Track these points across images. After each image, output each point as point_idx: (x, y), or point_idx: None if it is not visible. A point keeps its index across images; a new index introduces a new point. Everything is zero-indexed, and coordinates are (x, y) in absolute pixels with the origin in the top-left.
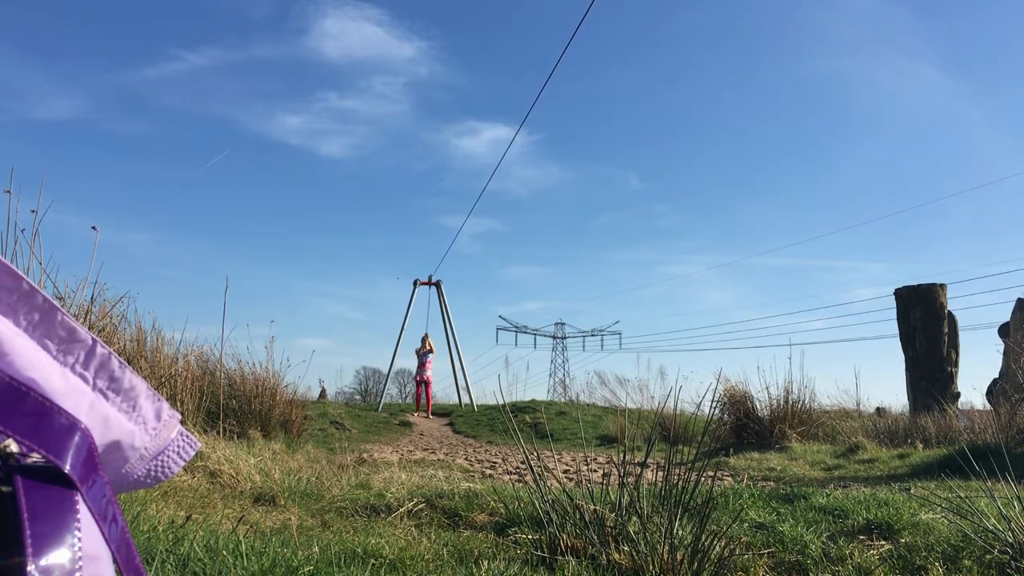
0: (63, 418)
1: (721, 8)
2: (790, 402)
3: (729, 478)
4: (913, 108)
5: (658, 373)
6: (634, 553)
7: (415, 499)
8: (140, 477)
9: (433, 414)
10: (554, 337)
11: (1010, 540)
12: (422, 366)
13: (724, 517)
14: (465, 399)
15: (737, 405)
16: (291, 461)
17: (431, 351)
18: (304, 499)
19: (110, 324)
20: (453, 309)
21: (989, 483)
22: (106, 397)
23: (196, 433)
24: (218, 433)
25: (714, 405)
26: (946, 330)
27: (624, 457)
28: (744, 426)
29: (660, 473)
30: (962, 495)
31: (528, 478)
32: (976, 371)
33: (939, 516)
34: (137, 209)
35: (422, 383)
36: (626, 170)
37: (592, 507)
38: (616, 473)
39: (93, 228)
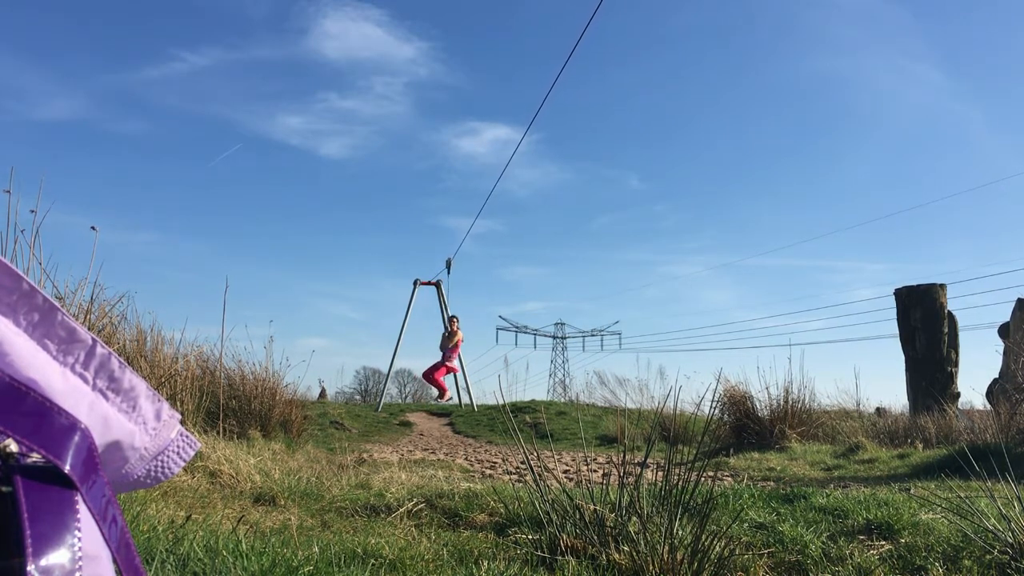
0: (63, 418)
1: (721, 8)
2: (790, 402)
3: (729, 478)
4: (913, 108)
5: (658, 373)
6: (634, 553)
7: (415, 499)
8: (140, 477)
9: (433, 414)
10: (554, 337)
11: (1010, 540)
12: (451, 357)
13: (724, 517)
14: (465, 399)
15: (737, 405)
16: (291, 461)
17: (458, 340)
18: (304, 499)
19: (110, 324)
20: (453, 309)
21: (989, 483)
22: (106, 397)
23: (196, 433)
24: (218, 433)
25: (714, 405)
26: (946, 330)
27: (624, 457)
28: (744, 426)
29: (660, 473)
30: (962, 495)
31: (528, 478)
32: (976, 371)
33: (939, 516)
34: (137, 209)
35: (449, 371)
36: (626, 170)
37: (592, 507)
38: (616, 473)
39: (93, 228)
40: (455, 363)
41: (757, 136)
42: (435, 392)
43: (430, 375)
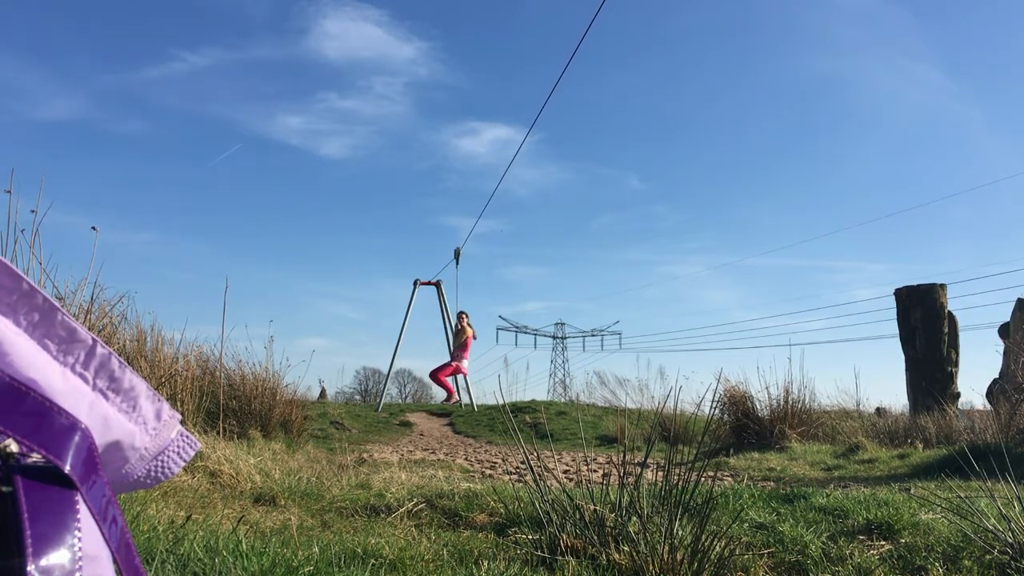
0: (63, 418)
1: (721, 8)
2: (790, 402)
3: (729, 478)
4: (913, 108)
5: (658, 373)
6: (634, 553)
7: (415, 499)
8: (140, 477)
9: (433, 414)
10: (554, 337)
11: (1010, 540)
12: (460, 356)
13: (724, 517)
14: (465, 399)
15: (737, 405)
16: (291, 461)
17: (467, 337)
18: (304, 499)
19: (110, 324)
20: (453, 310)
21: (989, 483)
22: (106, 397)
23: (196, 433)
24: (218, 433)
25: (714, 405)
26: (946, 330)
27: (624, 457)
28: (744, 426)
29: (660, 473)
30: (962, 495)
31: (528, 478)
32: (976, 371)
33: (939, 516)
34: (137, 209)
35: (455, 372)
36: (626, 170)
37: (592, 507)
38: (616, 473)
39: (93, 228)
40: (464, 364)
41: (757, 136)
42: (441, 394)
43: (435, 375)
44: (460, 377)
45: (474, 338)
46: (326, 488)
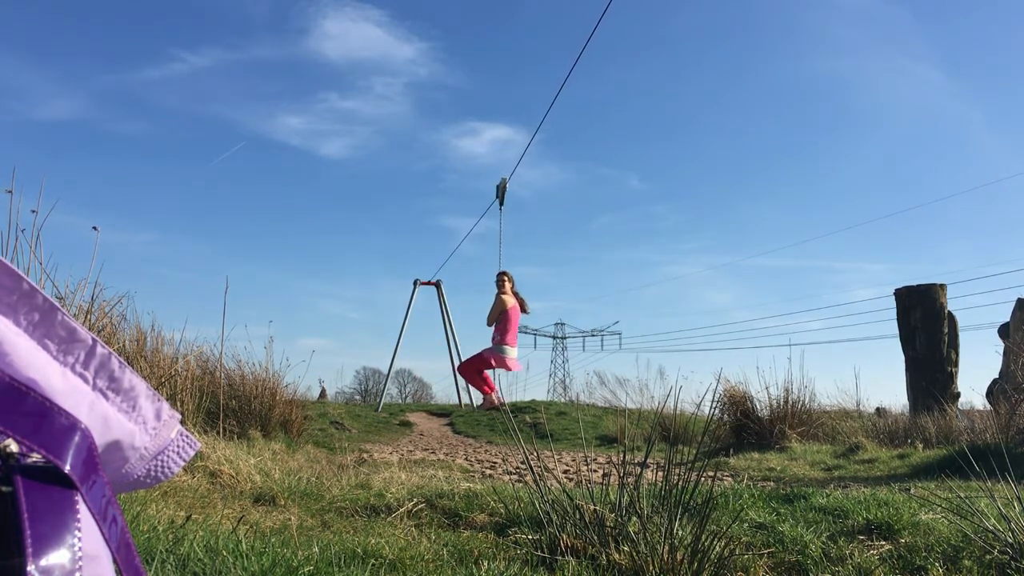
0: (63, 418)
1: (721, 8)
2: (790, 402)
3: (729, 478)
4: (913, 108)
5: (658, 373)
6: (634, 553)
7: (415, 499)
8: (140, 477)
9: (433, 414)
10: (554, 337)
11: (1010, 540)
12: (499, 340)
13: (724, 517)
14: (465, 399)
15: (737, 405)
16: (291, 461)
17: (507, 309)
18: (304, 499)
19: (110, 324)
20: (453, 310)
21: (989, 483)
22: (106, 397)
23: (196, 433)
24: (218, 433)
25: (714, 405)
26: (946, 330)
27: (624, 457)
28: (744, 426)
29: (660, 473)
30: (962, 495)
31: (528, 478)
32: (976, 371)
33: (939, 516)
34: (137, 209)
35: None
36: (626, 170)
37: (592, 507)
38: (616, 473)
39: (94, 228)
40: (508, 352)
41: (757, 136)
42: (478, 397)
43: (464, 371)
44: (461, 377)
45: (524, 312)
46: (326, 488)
